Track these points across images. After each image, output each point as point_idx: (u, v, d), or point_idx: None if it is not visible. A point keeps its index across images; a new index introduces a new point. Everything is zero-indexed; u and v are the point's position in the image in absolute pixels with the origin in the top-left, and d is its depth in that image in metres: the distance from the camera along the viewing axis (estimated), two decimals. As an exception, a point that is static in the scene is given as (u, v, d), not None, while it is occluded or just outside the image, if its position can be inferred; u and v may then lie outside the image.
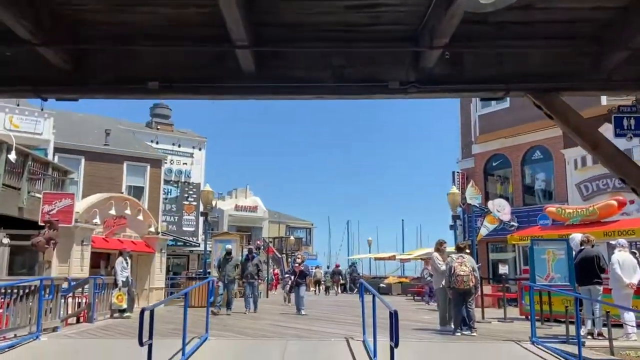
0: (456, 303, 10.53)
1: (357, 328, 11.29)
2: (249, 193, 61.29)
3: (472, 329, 10.39)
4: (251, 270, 15.22)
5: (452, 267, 10.45)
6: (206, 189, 19.19)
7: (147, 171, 25.24)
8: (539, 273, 9.64)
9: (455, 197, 18.92)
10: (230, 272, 15.04)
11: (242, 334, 10.26)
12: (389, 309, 5.95)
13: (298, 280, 15.57)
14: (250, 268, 15.26)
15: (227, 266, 15.08)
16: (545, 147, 24.30)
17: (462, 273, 10.28)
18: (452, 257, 10.64)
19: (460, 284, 10.27)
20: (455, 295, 10.47)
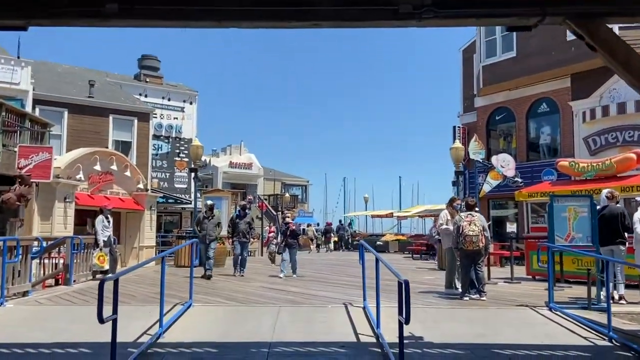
0: (464, 265, 9.66)
1: (355, 291, 10.46)
2: (243, 150, 60.14)
3: (482, 293, 9.56)
4: (243, 229, 13.96)
5: (460, 227, 9.53)
6: (195, 144, 18.08)
7: (135, 125, 24.04)
8: (558, 232, 8.73)
9: (458, 152, 17.92)
10: (211, 231, 13.60)
11: (231, 299, 9.38)
12: (397, 278, 5.01)
13: (289, 241, 13.92)
14: (242, 226, 13.98)
15: (208, 224, 13.65)
16: (552, 99, 23.17)
17: (471, 233, 9.36)
18: (461, 215, 9.71)
19: (469, 244, 9.37)
20: (464, 256, 9.60)
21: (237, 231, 13.97)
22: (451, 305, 8.80)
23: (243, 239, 13.97)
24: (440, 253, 17.75)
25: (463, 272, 9.67)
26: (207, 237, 13.46)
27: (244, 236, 13.99)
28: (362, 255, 8.54)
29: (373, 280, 10.19)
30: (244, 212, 14.46)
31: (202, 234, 13.54)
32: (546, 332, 7.01)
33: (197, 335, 6.66)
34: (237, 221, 14.08)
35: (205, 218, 13.83)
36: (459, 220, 9.64)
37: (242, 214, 14.35)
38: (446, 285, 10.54)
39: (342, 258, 24.86)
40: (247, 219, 14.27)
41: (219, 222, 14.13)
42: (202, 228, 13.69)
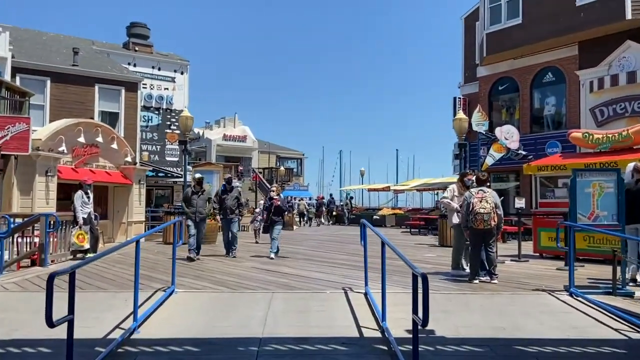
0: (474, 245, 8.85)
1: (355, 272, 9.67)
2: (237, 122, 59.02)
3: (493, 276, 8.77)
4: (230, 205, 12.52)
5: (470, 204, 8.68)
6: (184, 114, 17.08)
7: (122, 95, 22.92)
8: (581, 210, 7.90)
9: (461, 124, 16.99)
10: (201, 207, 12.24)
11: (219, 283, 8.54)
12: (412, 270, 4.16)
13: (273, 218, 12.50)
14: (228, 202, 12.51)
15: (198, 200, 12.20)
16: (558, 68, 22.22)
17: (483, 210, 8.53)
18: (471, 191, 8.85)
19: (480, 223, 8.54)
20: (474, 236, 8.78)
21: (224, 207, 12.54)
22: (461, 290, 8.01)
23: (231, 216, 12.59)
24: (441, 228, 16.98)
25: (473, 253, 8.87)
26: (197, 215, 12.16)
27: (232, 213, 12.60)
28: (363, 236, 7.70)
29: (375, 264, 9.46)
30: (230, 185, 12.96)
31: (190, 210, 12.19)
32: (571, 323, 6.22)
33: (177, 330, 5.84)
34: (223, 197, 12.59)
35: (194, 193, 12.38)
36: (469, 196, 8.79)
37: (228, 188, 12.85)
38: (452, 265, 9.75)
39: (338, 233, 24.12)
40: (234, 193, 12.77)
41: (210, 197, 12.74)
42: (190, 204, 12.26)
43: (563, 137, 21.46)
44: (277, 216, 12.55)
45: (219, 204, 12.61)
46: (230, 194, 12.66)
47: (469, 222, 8.67)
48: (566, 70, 21.85)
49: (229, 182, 13.12)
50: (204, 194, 12.44)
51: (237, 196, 12.84)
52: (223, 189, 12.93)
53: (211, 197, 12.63)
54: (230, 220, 12.57)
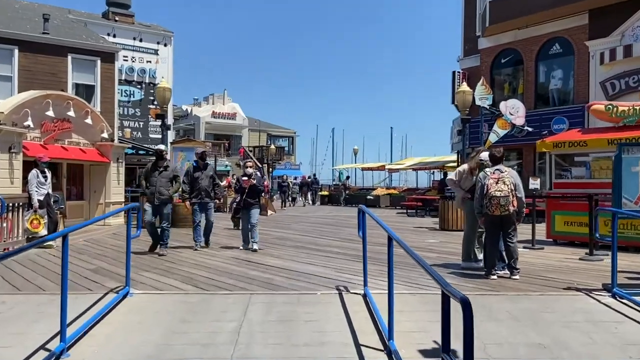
0: (491, 234, 7.51)
1: (351, 265, 8.32)
2: (227, 99, 57.28)
3: (514, 271, 7.44)
4: (204, 186, 10.37)
5: (484, 186, 7.31)
6: (161, 85, 15.54)
7: (98, 66, 21.20)
8: (627, 194, 6.58)
9: (465, 96, 15.60)
10: (163, 187, 9.82)
11: (188, 281, 7.11)
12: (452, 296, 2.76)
13: (247, 201, 10.30)
14: (202, 182, 10.36)
15: (159, 178, 9.82)
16: (566, 39, 20.78)
17: (499, 194, 7.17)
18: (486, 172, 7.46)
19: (496, 208, 7.19)
20: (490, 224, 7.43)
21: (197, 189, 10.39)
22: (478, 289, 6.66)
23: (206, 200, 10.43)
24: (442, 211, 15.66)
25: (489, 244, 7.52)
26: (157, 197, 9.72)
27: (207, 196, 10.42)
28: (361, 225, 6.32)
29: (373, 253, 8.08)
30: (203, 162, 10.72)
31: (149, 191, 9.83)
32: (629, 337, 4.89)
33: (120, 351, 4.46)
34: (196, 176, 10.44)
35: (155, 170, 9.96)
36: (483, 177, 7.41)
37: (202, 164, 10.65)
38: (464, 257, 8.40)
39: (332, 215, 22.77)
40: (209, 171, 10.63)
41: (176, 175, 10.20)
42: (150, 183, 9.87)
43: (570, 112, 20.18)
44: (253, 198, 10.41)
45: (190, 185, 10.42)
46: (204, 172, 10.51)
47: (484, 207, 7.31)
48: (575, 41, 20.43)
49: (202, 158, 10.73)
50: (167, 170, 10.01)
51: (213, 175, 10.73)
52: (195, 166, 10.72)
53: (178, 176, 10.24)
54: (205, 206, 10.46)
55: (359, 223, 6.49)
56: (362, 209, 6.28)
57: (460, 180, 8.43)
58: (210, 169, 10.89)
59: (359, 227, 6.51)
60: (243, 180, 10.39)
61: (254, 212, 10.37)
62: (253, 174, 10.52)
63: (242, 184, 10.35)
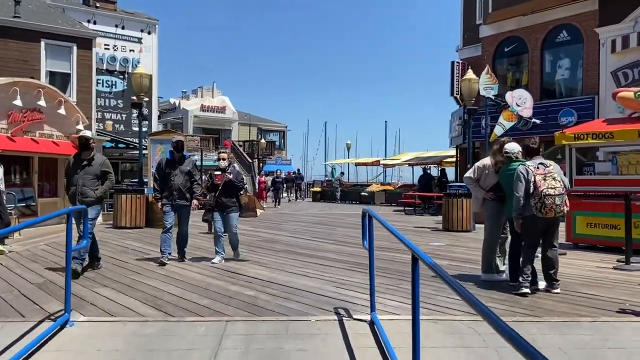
0: (530, 241, 6.23)
1: (351, 276, 7.01)
2: (216, 92, 55.75)
3: (554, 283, 6.20)
4: (179, 184, 8.32)
5: (529, 183, 6.03)
6: (138, 71, 14.17)
7: (74, 53, 19.78)
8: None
9: (471, 85, 14.34)
10: (87, 186, 7.26)
11: (149, 301, 5.71)
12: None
13: (222, 201, 8.40)
14: (177, 179, 8.31)
15: (82, 175, 7.27)
16: (575, 26, 19.52)
17: (553, 192, 5.92)
18: (527, 165, 6.13)
19: (550, 209, 5.94)
20: (534, 228, 6.14)
21: (170, 189, 8.30)
22: (512, 312, 5.36)
23: (179, 202, 8.34)
24: (446, 210, 14.38)
25: (527, 253, 6.23)
26: (80, 198, 7.18)
27: (182, 196, 8.33)
28: (367, 233, 5.00)
29: (383, 270, 6.78)
30: (179, 154, 8.54)
31: (70, 191, 7.38)
32: None
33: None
34: (168, 171, 8.33)
35: (78, 164, 7.36)
36: (525, 173, 6.10)
37: (177, 157, 8.49)
38: (484, 267, 7.10)
39: (326, 213, 21.47)
40: (186, 166, 8.45)
41: (107, 171, 7.50)
42: (70, 182, 7.40)
43: (579, 104, 18.98)
44: (230, 197, 8.44)
45: (162, 182, 8.41)
46: (180, 168, 8.37)
47: (536, 208, 5.98)
48: (584, 28, 19.18)
49: (177, 149, 8.57)
50: (93, 164, 7.36)
51: (191, 170, 8.50)
52: (169, 158, 8.58)
53: (109, 171, 7.55)
54: (180, 208, 8.41)
55: (363, 230, 5.18)
56: (368, 212, 4.96)
57: (479, 178, 7.12)
58: (189, 163, 8.66)
59: (363, 235, 5.20)
60: (215, 175, 8.47)
61: (232, 216, 8.40)
62: (229, 167, 8.53)
63: (215, 179, 8.43)
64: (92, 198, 7.26)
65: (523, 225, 6.14)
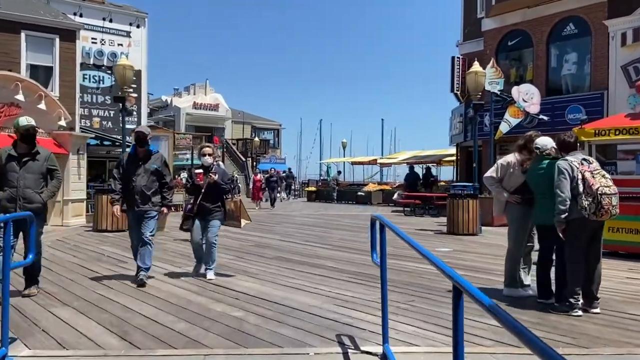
0: (578, 249, 5.30)
1: (353, 290, 6.08)
2: (209, 89, 54.67)
3: (594, 302, 5.30)
4: (140, 186, 6.62)
5: (577, 181, 5.14)
6: (121, 62, 13.20)
7: (57, 45, 18.72)
8: None
9: (478, 78, 13.45)
10: (30, 188, 5.76)
11: (115, 326, 4.72)
12: None
13: (204, 206, 6.99)
14: (139, 180, 6.63)
15: (23, 174, 5.74)
16: (582, 18, 18.64)
17: (609, 190, 5.07)
18: (571, 162, 5.21)
19: (607, 212, 5.10)
20: (581, 234, 5.24)
21: (131, 191, 6.63)
22: (554, 341, 4.43)
23: (143, 208, 6.63)
24: (450, 211, 13.47)
25: (575, 267, 5.29)
26: (20, 203, 5.67)
27: (146, 201, 6.62)
28: (376, 243, 4.08)
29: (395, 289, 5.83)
30: (144, 149, 6.77)
31: (4, 195, 5.68)
32: None
33: None
34: (130, 168, 6.70)
35: (14, 158, 5.75)
36: (569, 170, 5.18)
37: (141, 153, 6.75)
38: (507, 281, 6.17)
39: (320, 214, 20.54)
40: (153, 163, 6.72)
41: (51, 168, 6.01)
42: (5, 183, 5.73)
43: (587, 100, 18.12)
44: (214, 202, 7.04)
45: (122, 181, 6.73)
46: (144, 166, 6.65)
47: (590, 209, 5.07)
48: (592, 20, 18.31)
49: (140, 142, 6.75)
50: (38, 159, 5.85)
51: (159, 169, 6.74)
52: (132, 154, 6.83)
53: (55, 169, 6.04)
54: (143, 215, 6.66)
55: (372, 242, 4.24)
56: (379, 220, 4.03)
57: (502, 178, 6.19)
58: (157, 159, 6.79)
59: (372, 246, 4.27)
60: (197, 174, 6.95)
61: (214, 223, 7.02)
62: (213, 165, 7.14)
63: (196, 179, 6.95)
64: (38, 203, 5.75)
65: (568, 232, 5.21)
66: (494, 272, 7.72)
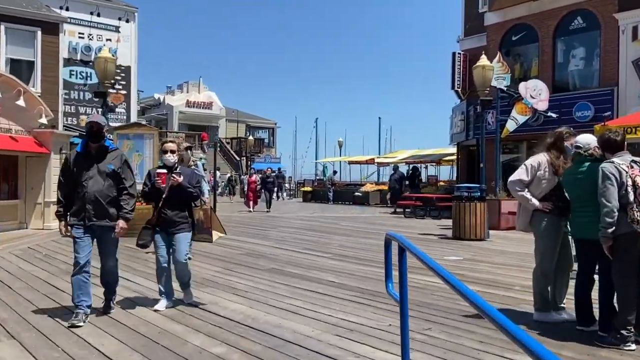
0: (630, 269, 4.39)
1: (358, 314, 5.20)
2: (202, 87, 53.68)
3: None
4: (93, 192, 5.09)
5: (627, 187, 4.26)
6: (102, 55, 12.26)
7: (38, 39, 17.77)
8: None
9: (485, 73, 12.58)
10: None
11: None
12: None
13: (166, 216, 5.53)
14: (91, 184, 5.10)
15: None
16: (590, 11, 17.80)
17: None
18: (618, 164, 4.32)
19: None
20: (634, 250, 4.34)
21: (81, 199, 5.13)
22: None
23: (97, 222, 5.14)
24: (456, 214, 12.59)
25: (626, 290, 4.38)
26: None
27: (100, 214, 5.14)
28: (398, 272, 3.18)
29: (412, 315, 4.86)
30: (97, 144, 5.22)
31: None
32: None
33: None
34: (78, 171, 5.18)
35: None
36: (617, 175, 4.30)
37: (94, 150, 5.23)
38: (538, 304, 5.25)
39: (316, 216, 19.63)
40: (108, 163, 5.22)
41: None
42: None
43: (596, 97, 17.30)
44: (179, 210, 5.59)
45: (68, 188, 5.23)
46: (98, 166, 5.17)
47: (638, 223, 4.20)
48: (601, 13, 17.47)
49: (93, 135, 5.18)
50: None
51: (117, 170, 5.23)
52: (80, 152, 5.26)
53: None
54: (100, 232, 5.21)
55: (387, 267, 3.33)
56: (398, 241, 3.12)
57: (531, 182, 5.29)
58: (115, 158, 5.27)
59: (387, 273, 3.36)
60: (157, 174, 5.47)
61: (181, 238, 5.53)
62: (176, 163, 5.65)
63: (156, 181, 5.47)
64: None
65: (616, 249, 4.32)
66: (514, 286, 6.86)
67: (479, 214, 12.26)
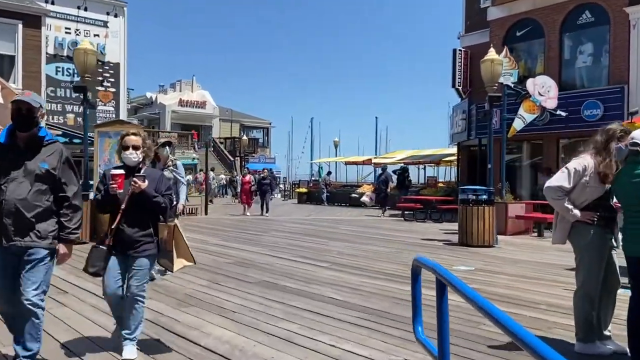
0: None
1: (365, 343, 4.29)
2: (195, 86, 52.75)
3: None
4: (15, 199, 3.50)
5: None
6: (82, 46, 11.37)
7: (19, 32, 16.89)
8: None
9: (494, 67, 11.74)
10: None
11: None
12: None
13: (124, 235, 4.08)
14: (15, 188, 3.52)
15: None
16: (599, 5, 17.04)
17: None
18: None
19: None
20: None
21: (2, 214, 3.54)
22: None
23: (21, 242, 3.53)
24: (463, 219, 11.75)
25: None
26: None
27: (28, 229, 3.55)
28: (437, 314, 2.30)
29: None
30: (27, 134, 3.63)
31: None
32: None
33: None
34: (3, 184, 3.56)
35: None
36: None
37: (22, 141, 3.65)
38: (581, 333, 4.38)
39: (311, 219, 18.76)
40: (44, 161, 3.61)
41: None
42: None
43: (605, 95, 16.51)
44: (141, 227, 4.15)
45: None
46: (27, 164, 3.59)
47: None
48: (610, 7, 16.71)
49: (22, 121, 3.63)
50: None
51: (52, 171, 3.64)
52: (4, 143, 3.63)
53: None
54: (22, 258, 3.59)
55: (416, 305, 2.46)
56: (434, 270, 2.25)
57: (573, 189, 4.44)
58: (51, 153, 3.69)
59: (415, 313, 2.49)
60: (112, 177, 4.02)
61: (141, 263, 4.12)
62: (143, 164, 4.28)
63: (110, 186, 4.01)
64: None
65: None
66: (539, 305, 6.03)
67: (487, 218, 11.44)
